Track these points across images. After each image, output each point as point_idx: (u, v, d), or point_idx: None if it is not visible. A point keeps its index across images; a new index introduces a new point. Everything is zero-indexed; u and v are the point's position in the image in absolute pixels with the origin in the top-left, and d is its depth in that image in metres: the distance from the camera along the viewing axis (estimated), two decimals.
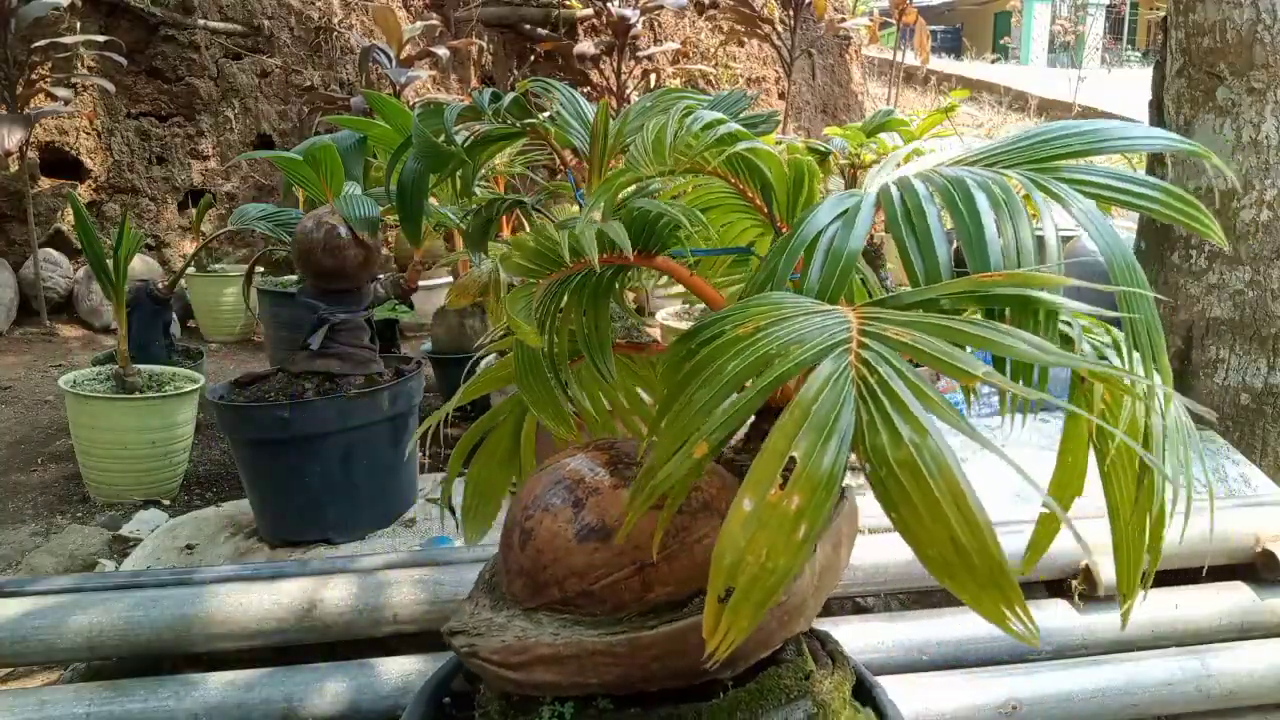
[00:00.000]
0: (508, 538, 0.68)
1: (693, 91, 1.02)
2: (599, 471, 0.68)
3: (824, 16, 5.20)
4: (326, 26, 4.86)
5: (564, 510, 0.66)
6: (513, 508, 0.69)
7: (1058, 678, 1.29)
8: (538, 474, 0.70)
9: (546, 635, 0.63)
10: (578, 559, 0.64)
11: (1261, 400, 1.86)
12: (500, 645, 0.63)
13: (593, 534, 0.64)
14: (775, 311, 0.53)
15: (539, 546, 0.65)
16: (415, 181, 0.94)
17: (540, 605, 0.66)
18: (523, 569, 0.66)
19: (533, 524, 0.66)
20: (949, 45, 15.62)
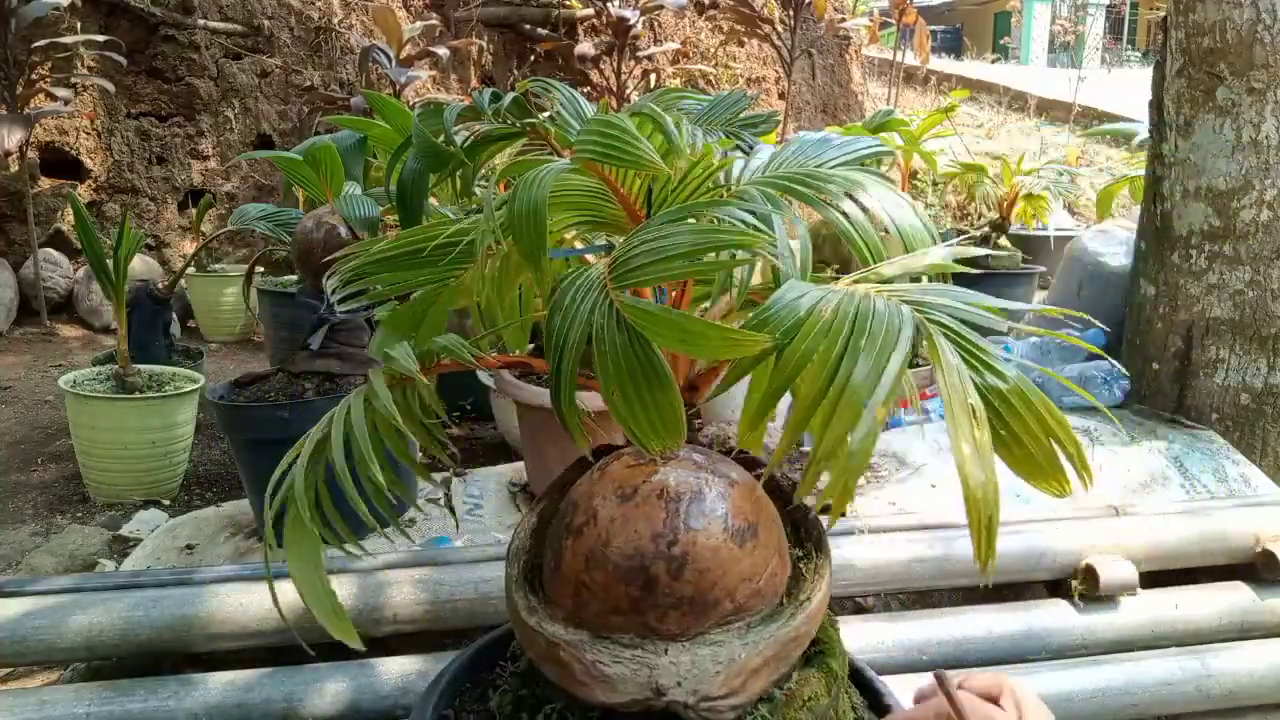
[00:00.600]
0: (636, 578, 0.63)
1: (693, 91, 1.02)
2: (707, 478, 0.67)
3: (824, 16, 5.21)
4: (326, 26, 4.86)
5: (713, 522, 0.64)
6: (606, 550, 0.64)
7: (1058, 677, 1.29)
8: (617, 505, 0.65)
9: (740, 648, 0.62)
10: (745, 564, 0.65)
11: (1261, 400, 1.86)
12: (721, 677, 0.61)
13: (747, 534, 0.65)
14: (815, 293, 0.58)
15: (702, 567, 0.63)
16: (415, 181, 0.93)
17: (708, 626, 0.64)
18: (682, 599, 0.63)
19: (680, 549, 0.63)
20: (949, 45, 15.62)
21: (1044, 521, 1.43)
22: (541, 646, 0.64)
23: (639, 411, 0.59)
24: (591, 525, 0.65)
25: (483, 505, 1.67)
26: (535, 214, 0.63)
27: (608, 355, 0.58)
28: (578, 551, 0.65)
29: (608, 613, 0.64)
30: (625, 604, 0.63)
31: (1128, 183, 3.01)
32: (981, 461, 0.53)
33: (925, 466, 1.67)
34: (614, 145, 0.66)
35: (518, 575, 0.70)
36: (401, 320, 0.80)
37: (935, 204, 6.75)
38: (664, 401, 0.59)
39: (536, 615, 0.66)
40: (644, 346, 0.58)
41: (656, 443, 0.61)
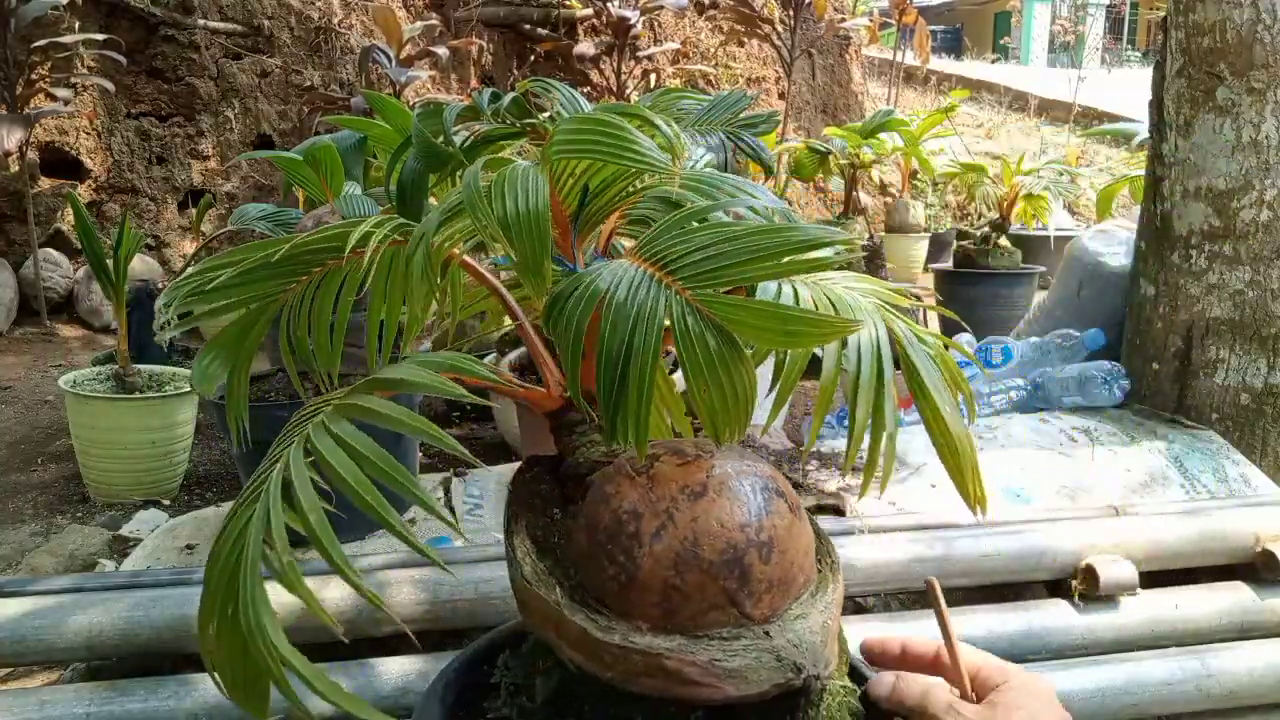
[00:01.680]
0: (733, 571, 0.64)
1: (692, 91, 1.02)
2: (749, 464, 0.70)
3: (824, 16, 5.21)
4: (326, 26, 4.86)
5: (777, 503, 0.68)
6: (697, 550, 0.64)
7: (1057, 678, 1.29)
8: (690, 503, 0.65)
9: (819, 616, 0.67)
10: (805, 538, 0.69)
11: (1261, 400, 1.86)
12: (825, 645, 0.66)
13: (799, 509, 0.70)
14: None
15: (783, 547, 0.66)
16: (415, 181, 0.93)
17: (789, 602, 0.67)
18: (774, 580, 0.66)
19: (767, 534, 0.66)
20: (949, 45, 15.62)
21: (1044, 521, 1.43)
22: (637, 662, 0.63)
23: (729, 406, 0.60)
24: (670, 529, 0.64)
25: (483, 505, 1.67)
26: (537, 223, 0.62)
27: (699, 357, 0.58)
28: (661, 558, 0.64)
29: (704, 611, 0.64)
30: (722, 598, 0.64)
31: (1128, 183, 3.01)
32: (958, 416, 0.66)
33: (925, 466, 1.67)
34: (604, 143, 0.65)
35: (563, 599, 0.67)
36: (228, 340, 0.78)
37: (935, 204, 6.75)
38: (745, 394, 0.60)
39: (617, 632, 0.64)
40: (733, 344, 0.59)
41: (729, 435, 0.61)
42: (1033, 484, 1.60)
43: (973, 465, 0.62)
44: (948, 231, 5.80)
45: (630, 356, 0.58)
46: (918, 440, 1.78)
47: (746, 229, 0.61)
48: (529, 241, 0.62)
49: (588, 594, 0.68)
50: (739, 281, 0.60)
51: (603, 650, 0.64)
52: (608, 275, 0.61)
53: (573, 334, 0.60)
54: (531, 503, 0.76)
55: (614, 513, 0.67)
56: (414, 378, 0.65)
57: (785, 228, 0.61)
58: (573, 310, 0.60)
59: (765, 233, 0.60)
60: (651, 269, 0.61)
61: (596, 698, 0.66)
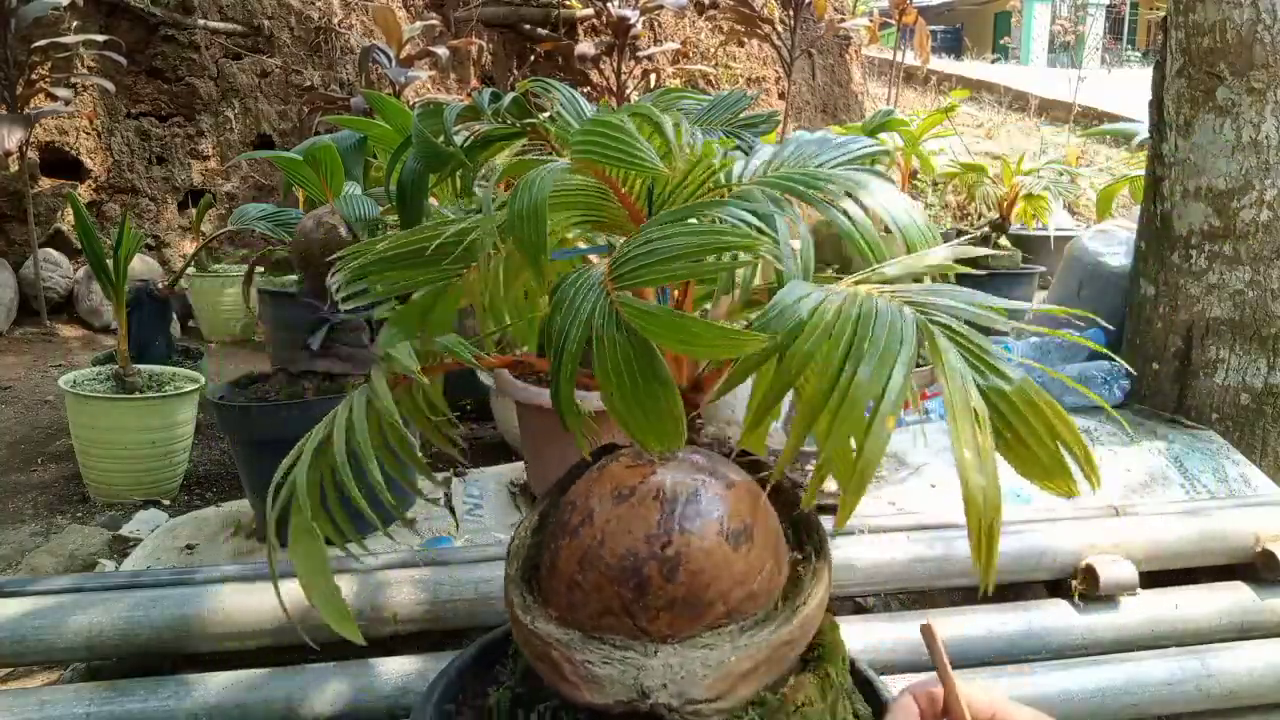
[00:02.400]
0: (629, 579, 0.63)
1: (692, 91, 1.02)
2: (704, 479, 0.66)
3: (824, 16, 5.21)
4: (326, 26, 4.86)
5: (708, 524, 0.64)
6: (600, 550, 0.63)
7: (1057, 678, 1.29)
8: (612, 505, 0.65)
9: (730, 652, 0.62)
10: (739, 566, 0.64)
11: (1261, 400, 1.86)
12: (708, 681, 0.61)
13: (742, 536, 0.65)
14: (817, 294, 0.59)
15: (695, 569, 0.63)
16: (415, 181, 0.94)
17: (701, 629, 0.63)
18: (674, 600, 0.63)
19: (674, 550, 0.63)
20: (949, 45, 15.62)
21: (1044, 521, 1.43)
22: (535, 646, 0.64)
23: (638, 413, 0.60)
24: (587, 525, 0.65)
25: (483, 505, 1.67)
26: (535, 215, 0.63)
27: (607, 356, 0.58)
28: (572, 551, 0.65)
29: (600, 613, 0.64)
30: (617, 605, 0.63)
31: (1128, 183, 3.01)
32: (983, 466, 0.53)
33: (925, 466, 1.67)
34: (611, 146, 0.66)
35: (516, 574, 0.70)
36: (406, 319, 0.81)
37: (935, 204, 6.75)
38: (663, 403, 0.59)
39: (531, 614, 0.66)
40: (644, 347, 0.58)
41: (656, 443, 0.61)
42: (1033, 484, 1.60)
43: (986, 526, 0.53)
44: (948, 231, 5.80)
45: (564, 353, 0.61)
46: (918, 440, 1.78)
47: (684, 230, 0.61)
48: (528, 233, 0.63)
49: (536, 573, 0.70)
50: (650, 281, 0.61)
51: (519, 627, 0.66)
52: (589, 275, 0.63)
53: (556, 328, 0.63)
54: (564, 484, 0.77)
55: (567, 499, 0.69)
56: (398, 356, 0.72)
57: (714, 230, 0.61)
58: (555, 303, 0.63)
59: (696, 233, 0.61)
60: (607, 270, 0.62)
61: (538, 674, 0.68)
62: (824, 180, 0.70)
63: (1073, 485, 0.57)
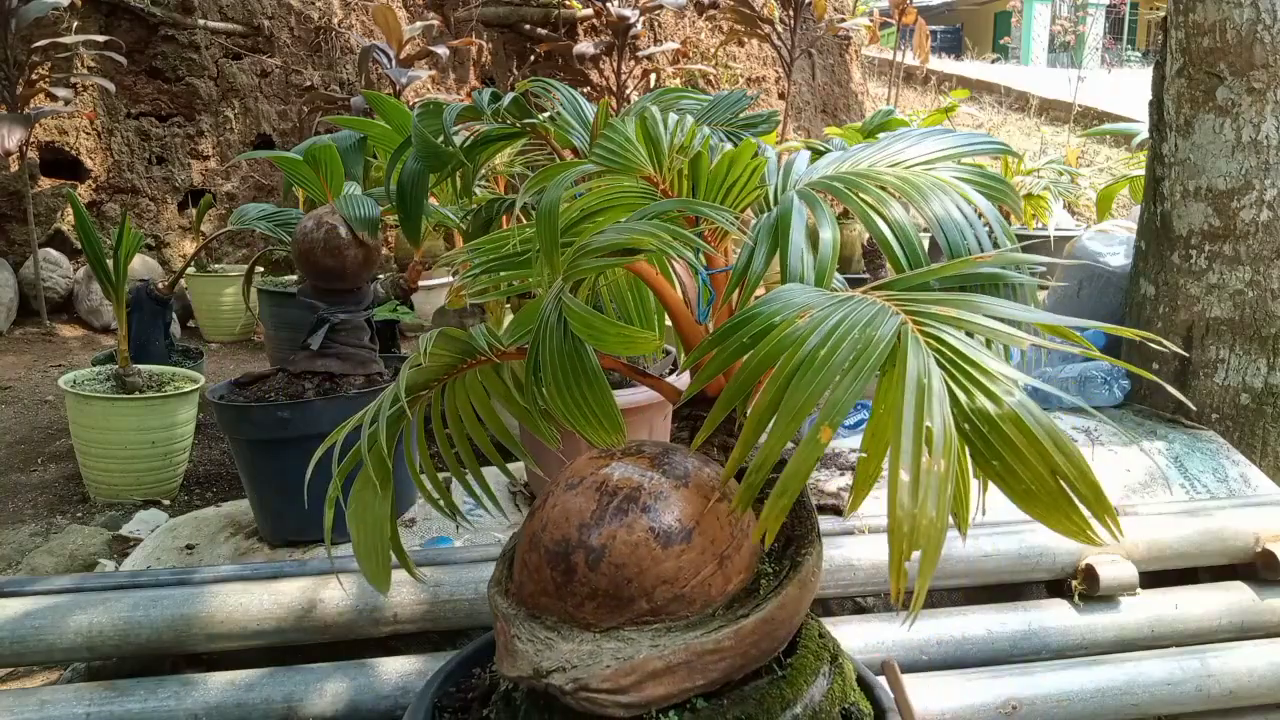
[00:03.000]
0: (559, 563, 0.65)
1: (693, 91, 1.02)
2: (652, 476, 0.67)
3: (824, 16, 5.21)
4: (326, 26, 4.86)
5: (638, 520, 0.65)
6: (542, 533, 0.66)
7: (1057, 678, 1.29)
8: (562, 492, 0.67)
9: (647, 649, 0.63)
10: (667, 566, 0.65)
11: (1261, 400, 1.86)
12: (609, 672, 0.61)
13: (676, 538, 0.65)
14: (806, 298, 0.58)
15: (618, 562, 0.64)
16: (415, 181, 0.94)
17: (623, 622, 0.64)
18: (597, 590, 0.64)
19: (601, 541, 0.64)
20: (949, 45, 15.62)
21: None
22: (491, 615, 0.69)
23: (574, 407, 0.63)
24: (540, 509, 0.68)
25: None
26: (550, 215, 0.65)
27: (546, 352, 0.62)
28: (527, 532, 0.69)
29: (539, 593, 0.67)
30: (551, 587, 0.66)
31: (1128, 183, 3.01)
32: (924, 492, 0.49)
33: None
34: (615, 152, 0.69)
35: (507, 551, 0.74)
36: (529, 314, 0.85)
37: None
38: (598, 398, 0.63)
39: (498, 586, 0.70)
40: (576, 345, 0.61)
41: (598, 438, 0.65)
42: None
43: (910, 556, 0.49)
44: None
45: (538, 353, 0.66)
46: None
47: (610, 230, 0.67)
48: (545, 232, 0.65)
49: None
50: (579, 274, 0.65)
51: (489, 600, 0.70)
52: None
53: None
54: None
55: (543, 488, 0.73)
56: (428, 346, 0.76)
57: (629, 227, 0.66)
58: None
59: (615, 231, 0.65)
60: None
61: None
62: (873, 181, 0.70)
63: (1087, 528, 0.52)
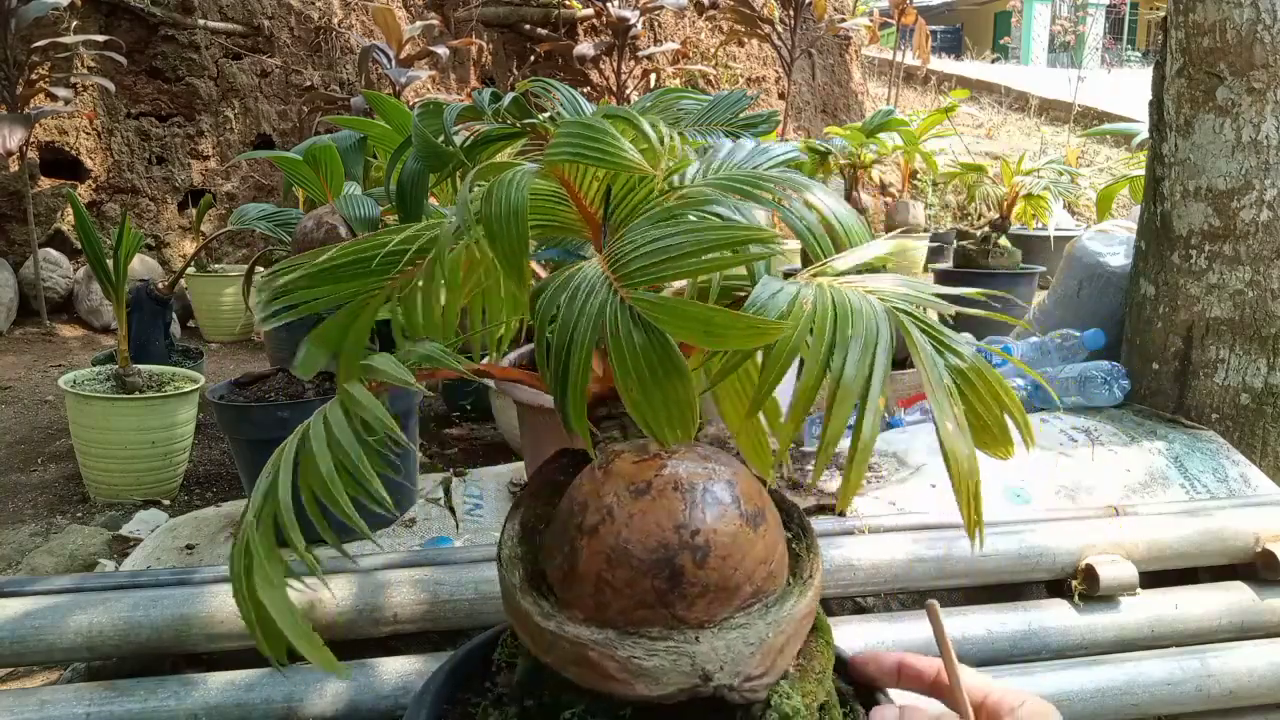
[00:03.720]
0: (662, 570, 0.64)
1: (692, 91, 1.02)
2: (713, 467, 0.68)
3: (824, 16, 5.21)
4: (326, 26, 4.86)
5: (727, 509, 0.66)
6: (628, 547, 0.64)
7: (1057, 678, 1.29)
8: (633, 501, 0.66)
9: (765, 629, 0.65)
10: (760, 546, 0.67)
11: (1261, 400, 1.86)
12: (756, 658, 0.63)
13: (758, 519, 0.68)
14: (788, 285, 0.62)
15: (723, 553, 0.64)
16: (415, 181, 0.94)
17: (733, 611, 0.65)
18: (708, 586, 0.64)
19: (704, 537, 0.64)
20: (949, 45, 15.62)
21: (1044, 521, 1.43)
22: (565, 650, 0.64)
23: (658, 406, 0.60)
24: (608, 523, 0.65)
25: (483, 505, 1.67)
26: (515, 217, 0.63)
27: (625, 353, 0.59)
28: (596, 551, 0.65)
29: (634, 608, 0.64)
30: (651, 597, 0.64)
31: (1128, 183, 3.01)
32: (962, 436, 0.59)
33: (925, 466, 1.67)
34: (592, 146, 0.67)
35: (521, 583, 0.69)
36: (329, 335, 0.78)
37: (935, 204, 6.75)
38: (681, 395, 0.60)
39: (555, 620, 0.65)
40: (662, 342, 0.59)
41: (671, 435, 0.62)
42: (1033, 484, 1.60)
43: (972, 489, 0.60)
44: (948, 231, 5.81)
45: (571, 350, 0.60)
46: (918, 440, 1.78)
47: (686, 227, 0.62)
48: (507, 239, 0.63)
49: (544, 581, 0.69)
50: (668, 277, 0.61)
51: (541, 635, 0.65)
52: (579, 275, 0.63)
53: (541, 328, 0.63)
54: (539, 490, 0.77)
55: (570, 502, 0.68)
56: (383, 366, 0.69)
57: (717, 226, 0.62)
58: (546, 306, 0.63)
59: (699, 230, 0.61)
60: (605, 268, 0.63)
61: (555, 682, 0.67)
62: (769, 181, 0.72)
63: (1011, 448, 0.65)
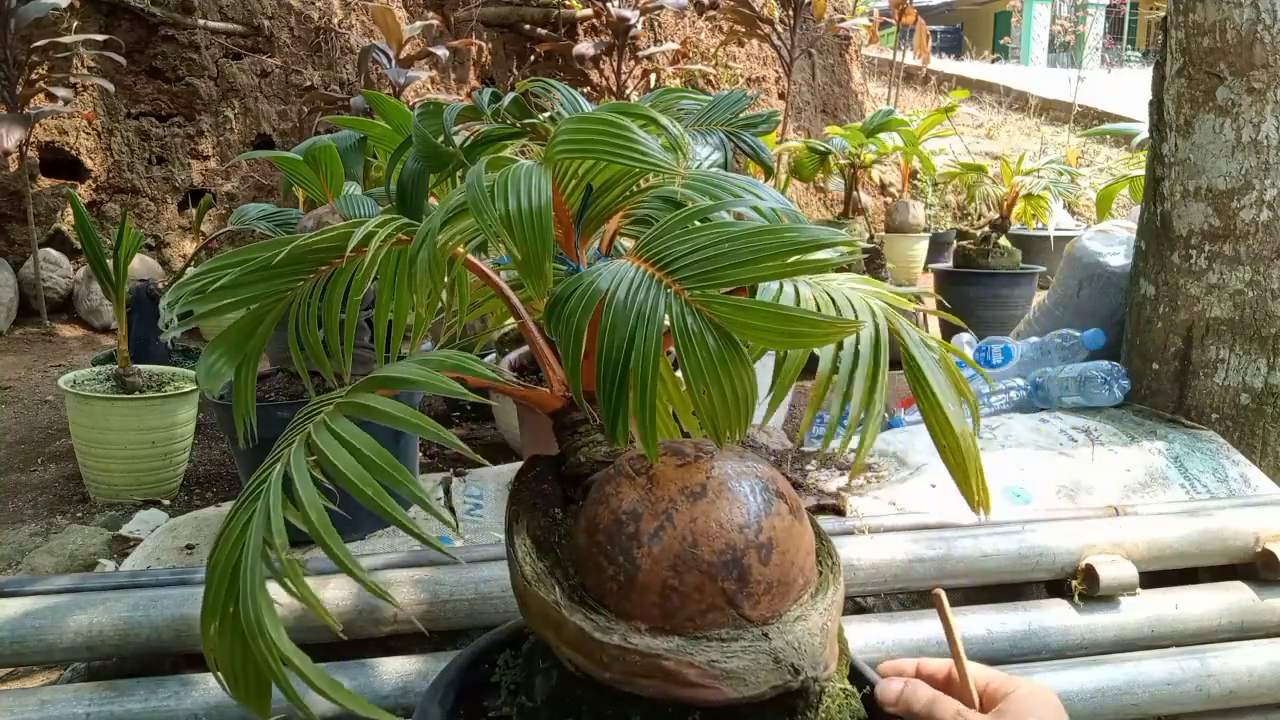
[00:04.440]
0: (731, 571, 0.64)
1: (692, 91, 1.02)
2: (753, 465, 0.70)
3: (824, 16, 5.21)
4: (326, 26, 4.86)
5: (778, 505, 0.67)
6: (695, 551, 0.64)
7: (1057, 678, 1.29)
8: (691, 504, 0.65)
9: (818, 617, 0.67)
10: (807, 537, 0.69)
11: (1261, 400, 1.86)
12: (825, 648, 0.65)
13: (799, 511, 0.70)
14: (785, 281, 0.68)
15: (783, 548, 0.66)
16: (415, 181, 0.93)
17: (790, 603, 0.67)
18: (771, 583, 0.65)
19: (766, 535, 0.66)
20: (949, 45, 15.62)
21: (1043, 521, 1.43)
22: (633, 663, 0.63)
23: (730, 406, 0.60)
24: (668, 529, 0.64)
25: (483, 505, 1.67)
26: (539, 219, 0.62)
27: (699, 358, 0.58)
28: (659, 558, 0.64)
29: (703, 612, 0.64)
30: (721, 599, 0.64)
31: (1128, 183, 3.01)
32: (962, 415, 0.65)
33: (925, 466, 1.67)
34: (611, 143, 0.65)
35: (562, 599, 0.67)
36: (234, 337, 0.76)
37: (935, 204, 6.75)
38: (747, 394, 0.60)
39: (616, 633, 0.64)
40: (734, 345, 0.58)
41: (730, 435, 0.61)
42: (1033, 484, 1.60)
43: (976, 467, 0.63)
44: (948, 231, 5.81)
45: (630, 357, 0.58)
46: (918, 440, 1.78)
47: (748, 229, 0.60)
48: (531, 241, 0.62)
49: (587, 594, 0.68)
50: (740, 282, 0.60)
51: (601, 651, 0.64)
52: (607, 275, 0.61)
53: (573, 333, 0.60)
54: (533, 502, 0.76)
55: (613, 513, 0.67)
56: (415, 376, 0.65)
57: (788, 228, 0.61)
58: (573, 310, 0.61)
59: (768, 233, 0.60)
60: (651, 269, 0.61)
61: (594, 698, 0.66)
62: (729, 183, 0.74)
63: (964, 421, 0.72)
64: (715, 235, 0.61)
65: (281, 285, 0.76)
